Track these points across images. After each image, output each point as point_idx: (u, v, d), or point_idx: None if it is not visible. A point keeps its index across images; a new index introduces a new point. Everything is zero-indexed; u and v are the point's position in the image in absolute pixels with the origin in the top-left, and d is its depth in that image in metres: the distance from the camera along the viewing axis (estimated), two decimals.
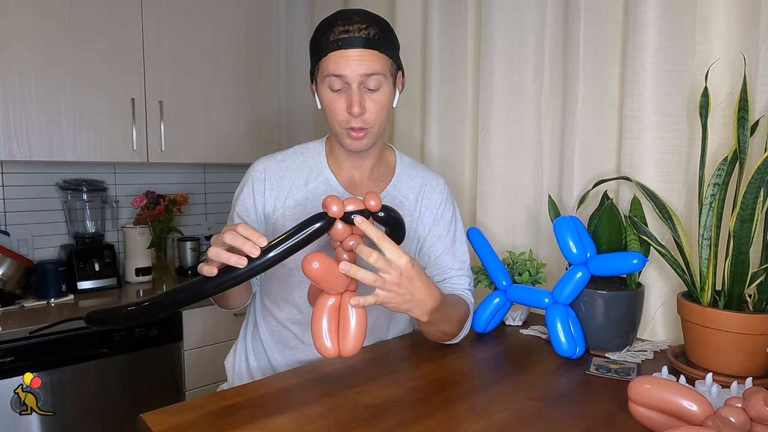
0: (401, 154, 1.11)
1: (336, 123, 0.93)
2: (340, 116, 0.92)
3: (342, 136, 0.94)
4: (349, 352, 0.72)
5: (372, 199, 0.76)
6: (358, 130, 0.92)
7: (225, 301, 0.99)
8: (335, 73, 0.88)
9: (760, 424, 0.57)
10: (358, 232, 0.75)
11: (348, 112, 0.90)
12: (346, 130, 0.93)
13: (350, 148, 0.96)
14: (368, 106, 0.91)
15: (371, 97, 0.91)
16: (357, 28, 0.88)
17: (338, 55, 0.88)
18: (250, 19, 2.20)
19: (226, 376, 1.13)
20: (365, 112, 0.90)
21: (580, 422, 0.71)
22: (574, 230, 0.97)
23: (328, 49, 0.88)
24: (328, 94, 0.91)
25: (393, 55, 0.94)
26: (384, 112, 0.94)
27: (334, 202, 0.73)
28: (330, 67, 0.89)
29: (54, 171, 2.03)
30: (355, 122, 0.91)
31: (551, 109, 1.36)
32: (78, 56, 1.79)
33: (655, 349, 1.00)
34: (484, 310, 1.07)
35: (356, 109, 0.89)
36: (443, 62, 1.63)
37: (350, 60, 0.87)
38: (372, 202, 0.76)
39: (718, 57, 1.04)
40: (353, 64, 0.87)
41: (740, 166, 0.88)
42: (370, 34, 0.89)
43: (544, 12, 1.36)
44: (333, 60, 0.88)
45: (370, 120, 0.92)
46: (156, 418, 0.69)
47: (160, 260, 2.02)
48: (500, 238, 1.46)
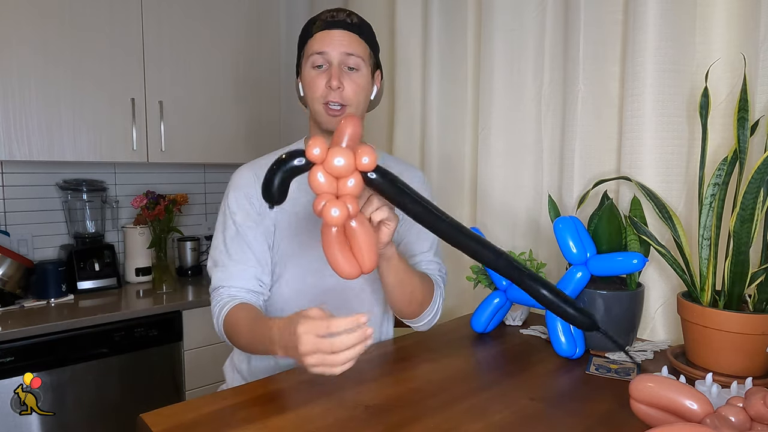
0: (381, 151, 1.13)
1: (314, 100, 0.97)
2: (319, 91, 0.96)
3: (320, 113, 0.97)
4: (369, 267, 0.68)
5: (366, 154, 0.62)
6: (336, 109, 0.96)
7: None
8: (318, 50, 0.95)
9: (760, 423, 0.57)
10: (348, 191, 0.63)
11: (327, 86, 0.95)
12: (324, 106, 0.96)
13: (327, 126, 0.98)
14: (347, 84, 0.96)
15: (350, 77, 0.96)
16: (342, 15, 0.97)
17: (323, 35, 0.96)
18: (250, 20, 2.20)
19: (225, 380, 1.13)
20: (344, 88, 0.95)
21: (580, 422, 0.71)
22: (574, 230, 0.97)
23: (314, 31, 0.97)
24: (310, 72, 0.97)
25: (373, 47, 1.01)
26: (362, 94, 0.98)
27: (318, 144, 0.61)
28: (314, 46, 0.96)
29: (54, 171, 2.03)
30: (333, 96, 0.95)
31: (551, 109, 1.36)
32: (78, 56, 1.79)
33: (655, 349, 1.00)
34: (484, 310, 1.07)
35: (335, 82, 0.94)
36: (443, 62, 1.63)
37: (333, 38, 0.95)
38: (365, 159, 0.62)
39: (718, 57, 1.04)
40: (336, 42, 0.95)
41: (740, 166, 0.88)
42: (354, 20, 0.98)
43: (544, 12, 1.36)
44: (318, 39, 0.96)
45: (347, 97, 0.96)
46: (156, 418, 0.69)
47: (160, 260, 2.02)
48: (500, 238, 1.46)
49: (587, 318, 0.71)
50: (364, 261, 0.67)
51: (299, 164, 0.62)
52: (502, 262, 0.69)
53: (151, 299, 1.88)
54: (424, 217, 0.68)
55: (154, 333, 1.79)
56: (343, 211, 0.61)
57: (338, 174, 0.62)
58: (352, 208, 0.63)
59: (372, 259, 0.68)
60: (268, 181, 0.64)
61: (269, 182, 0.64)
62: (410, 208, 0.67)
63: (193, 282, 2.16)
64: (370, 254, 0.67)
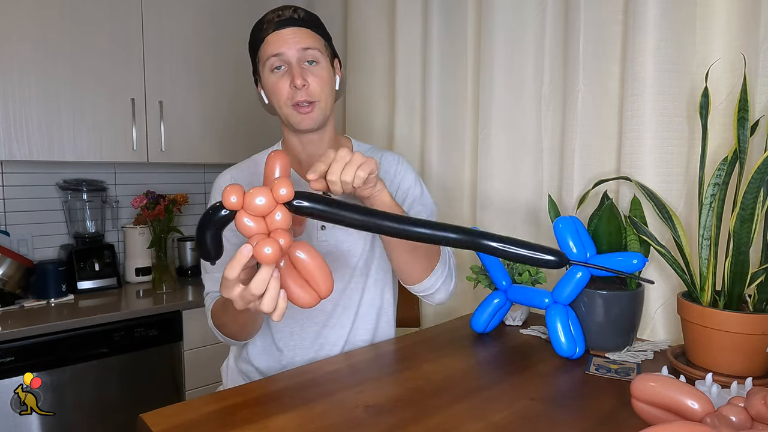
0: (358, 142, 1.13)
1: (282, 104, 0.95)
2: (284, 95, 0.94)
3: (291, 116, 0.96)
4: (326, 292, 0.66)
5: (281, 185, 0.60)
6: (306, 106, 0.94)
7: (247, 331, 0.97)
8: (274, 53, 0.93)
9: (761, 423, 0.57)
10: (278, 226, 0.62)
11: (292, 87, 0.93)
12: (293, 108, 0.95)
13: (300, 127, 0.96)
14: (311, 80, 0.93)
15: (312, 72, 0.94)
16: (287, 13, 0.94)
17: (274, 37, 0.93)
18: (250, 19, 2.19)
19: (222, 381, 1.13)
20: (309, 85, 0.93)
21: (580, 422, 0.71)
22: (574, 230, 0.97)
23: (264, 35, 0.94)
24: (270, 78, 0.95)
25: (326, 37, 1.00)
26: (327, 87, 0.97)
27: (233, 192, 0.60)
28: (269, 49, 0.93)
29: (54, 171, 2.03)
30: (300, 95, 0.93)
31: (551, 109, 1.36)
32: (78, 56, 1.79)
33: (655, 349, 1.00)
34: (484, 310, 1.07)
35: (299, 81, 0.92)
36: (443, 62, 1.63)
37: (286, 38, 0.93)
38: (282, 190, 0.60)
39: (718, 57, 1.04)
40: (289, 40, 0.93)
41: (740, 166, 0.88)
42: (300, 15, 0.95)
43: (544, 12, 1.36)
44: (270, 42, 0.94)
45: (315, 93, 0.94)
46: (156, 418, 0.69)
47: (160, 260, 2.02)
48: None
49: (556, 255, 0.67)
50: (319, 287, 0.66)
51: (223, 215, 0.62)
52: (455, 235, 0.66)
53: (151, 299, 1.88)
54: (366, 221, 0.66)
55: (154, 333, 1.79)
56: (275, 248, 0.59)
57: (261, 213, 0.61)
58: (285, 241, 0.61)
59: (327, 283, 0.66)
60: (199, 240, 0.64)
61: (201, 241, 0.64)
62: (348, 216, 0.65)
63: (193, 282, 2.16)
64: (324, 279, 0.65)
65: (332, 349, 1.03)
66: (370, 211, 0.66)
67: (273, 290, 0.62)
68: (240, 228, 0.61)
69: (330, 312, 1.03)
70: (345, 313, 1.03)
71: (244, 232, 0.61)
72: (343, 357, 0.97)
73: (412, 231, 0.66)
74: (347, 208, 0.65)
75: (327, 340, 1.03)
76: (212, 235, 0.64)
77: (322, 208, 0.64)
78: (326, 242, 1.01)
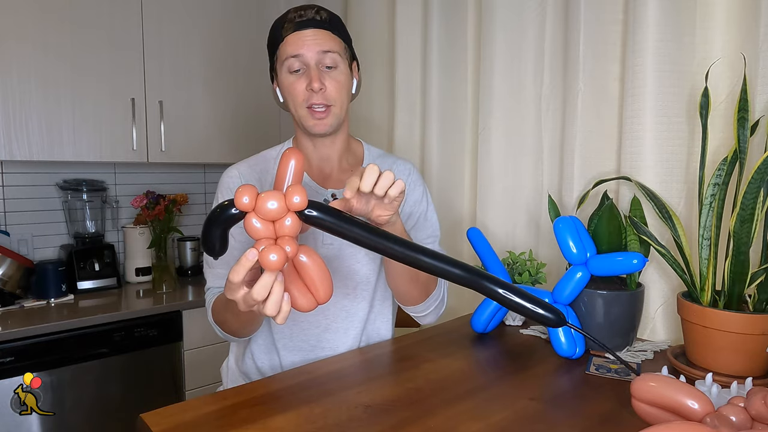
0: (369, 146, 1.12)
1: (297, 105, 0.95)
2: (300, 96, 0.94)
3: (305, 118, 0.95)
4: (324, 298, 0.66)
5: (296, 193, 0.60)
6: (321, 111, 0.94)
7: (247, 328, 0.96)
8: (293, 54, 0.92)
9: (761, 423, 0.57)
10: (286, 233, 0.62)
11: (309, 89, 0.92)
12: (308, 110, 0.94)
13: (314, 131, 0.96)
14: (328, 84, 0.93)
15: (330, 75, 0.93)
16: (310, 13, 0.93)
17: (294, 37, 0.92)
18: (251, 19, 2.20)
19: (222, 381, 1.13)
20: (325, 88, 0.93)
21: (580, 422, 0.71)
22: (574, 230, 0.97)
23: (285, 34, 0.93)
24: (287, 78, 0.94)
25: (347, 40, 0.98)
26: (344, 92, 0.96)
27: (246, 192, 0.59)
28: (288, 50, 0.92)
29: (54, 171, 2.03)
30: (316, 98, 0.93)
31: (551, 109, 1.36)
32: (78, 57, 1.79)
33: (655, 349, 1.00)
34: (484, 310, 1.07)
35: (316, 84, 0.91)
36: (443, 62, 1.63)
37: (306, 39, 0.92)
38: (296, 198, 0.60)
39: (718, 57, 1.04)
40: (309, 42, 0.91)
41: (740, 166, 0.88)
42: (323, 17, 0.94)
43: (544, 12, 1.36)
44: (290, 42, 0.92)
45: (331, 97, 0.94)
46: (156, 418, 0.69)
47: (160, 260, 2.02)
48: (500, 238, 1.46)
49: (554, 315, 0.68)
50: (318, 293, 0.66)
51: (233, 214, 0.61)
52: (461, 273, 0.67)
53: (151, 299, 1.88)
54: (376, 242, 0.65)
55: (154, 333, 1.79)
56: (280, 255, 0.59)
57: (272, 218, 0.61)
58: (291, 249, 0.61)
59: (326, 290, 0.66)
60: (205, 235, 0.64)
61: (207, 236, 0.64)
62: (358, 234, 0.65)
63: (193, 282, 2.16)
64: (323, 285, 0.66)
65: (333, 353, 1.03)
66: (382, 233, 0.66)
67: (277, 294, 0.62)
68: (248, 229, 0.61)
69: (332, 316, 1.03)
70: (347, 319, 1.03)
71: (251, 233, 0.61)
72: (343, 357, 0.97)
73: (421, 260, 0.66)
74: (359, 225, 0.65)
75: (328, 344, 1.03)
76: (219, 232, 0.64)
77: (333, 221, 0.64)
78: (331, 246, 1.01)
